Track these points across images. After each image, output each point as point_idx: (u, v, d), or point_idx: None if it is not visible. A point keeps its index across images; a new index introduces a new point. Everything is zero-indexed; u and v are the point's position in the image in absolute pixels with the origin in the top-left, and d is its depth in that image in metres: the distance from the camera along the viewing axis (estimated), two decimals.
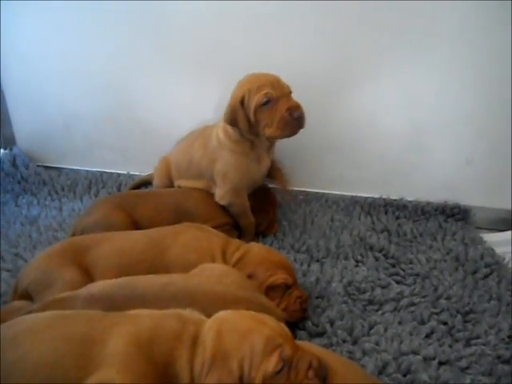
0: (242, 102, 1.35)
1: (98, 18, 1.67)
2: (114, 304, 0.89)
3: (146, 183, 1.82)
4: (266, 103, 1.33)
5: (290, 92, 1.39)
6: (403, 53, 1.58)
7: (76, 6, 1.65)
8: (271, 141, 1.45)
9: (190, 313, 0.79)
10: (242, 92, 1.36)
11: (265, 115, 1.34)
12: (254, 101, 1.33)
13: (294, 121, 1.33)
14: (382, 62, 1.61)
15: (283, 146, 1.54)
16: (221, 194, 1.47)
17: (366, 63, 1.62)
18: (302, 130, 1.36)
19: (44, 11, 1.69)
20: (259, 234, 1.57)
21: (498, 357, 1.05)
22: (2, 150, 1.89)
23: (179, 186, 1.60)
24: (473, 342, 1.11)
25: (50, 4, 1.67)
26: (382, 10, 1.51)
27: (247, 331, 0.74)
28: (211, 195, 1.50)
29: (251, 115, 1.35)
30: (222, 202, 1.47)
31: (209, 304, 0.91)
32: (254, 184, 1.52)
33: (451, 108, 1.65)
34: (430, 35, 1.54)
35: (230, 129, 1.43)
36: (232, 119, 1.38)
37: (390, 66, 1.61)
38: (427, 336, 1.12)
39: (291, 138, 1.38)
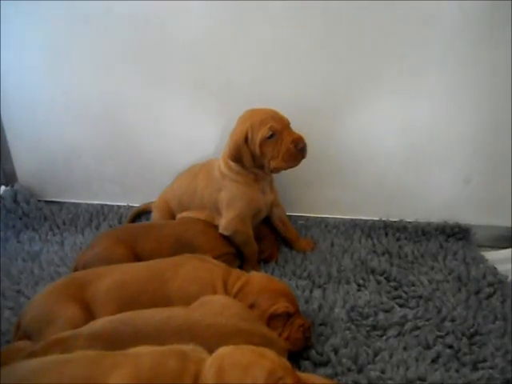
0: (245, 138, 1.39)
1: (98, 52, 1.70)
2: (115, 341, 0.89)
3: (144, 212, 1.82)
4: (271, 136, 1.38)
5: (289, 123, 1.43)
6: (398, 77, 1.61)
7: (75, 39, 1.69)
8: (275, 172, 1.48)
9: (191, 350, 0.79)
10: (245, 128, 1.40)
11: (270, 148, 1.39)
12: (259, 135, 1.38)
13: (298, 152, 1.39)
14: (378, 86, 1.64)
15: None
16: (225, 224, 1.48)
17: (363, 88, 1.64)
18: None
19: (44, 46, 1.73)
20: (261, 261, 1.57)
21: (507, 381, 1.04)
22: (4, 187, 1.91)
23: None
24: (480, 365, 1.10)
25: (49, 38, 1.71)
26: (375, 34, 1.55)
27: (248, 365, 0.73)
28: (212, 226, 1.51)
29: (256, 149, 1.39)
30: (227, 232, 1.48)
31: (210, 337, 0.91)
32: (259, 214, 1.53)
33: (447, 128, 1.67)
34: (423, 58, 1.57)
35: (231, 162, 1.46)
36: (236, 156, 1.42)
37: (386, 90, 1.64)
38: (433, 361, 1.11)
39: None
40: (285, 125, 1.41)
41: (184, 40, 1.64)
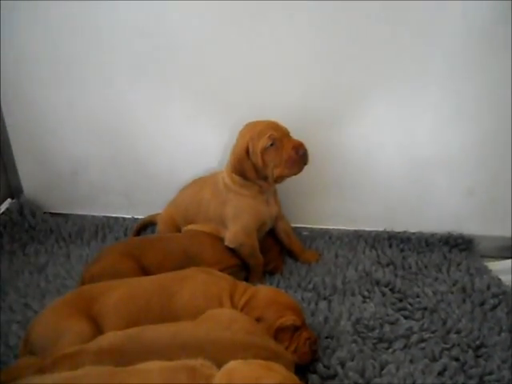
0: (247, 151, 1.42)
1: (101, 63, 1.72)
2: (123, 357, 0.90)
3: (149, 224, 1.83)
4: (271, 145, 1.40)
5: (289, 132, 1.45)
6: (401, 88, 1.62)
7: (80, 51, 1.70)
8: (279, 181, 1.49)
9: (200, 365, 0.79)
10: (246, 141, 1.42)
11: (271, 156, 1.41)
12: (260, 145, 1.40)
13: (300, 158, 1.40)
14: (381, 97, 1.64)
15: (286, 182, 1.56)
16: (231, 236, 1.49)
17: (365, 99, 1.65)
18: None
19: (49, 58, 1.74)
20: (266, 273, 1.58)
21: None
22: (9, 200, 1.92)
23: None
24: (486, 378, 1.10)
25: (54, 51, 1.72)
26: (377, 46, 1.57)
27: (258, 380, 0.74)
28: (218, 238, 1.52)
29: (258, 160, 1.41)
30: (233, 245, 1.49)
31: (218, 352, 0.91)
32: (264, 226, 1.54)
33: (450, 139, 1.68)
34: (426, 69, 1.58)
35: (235, 175, 1.47)
36: (239, 169, 1.44)
37: (389, 101, 1.65)
38: (440, 374, 1.12)
39: None
40: (284, 133, 1.43)
41: (186, 54, 1.66)
